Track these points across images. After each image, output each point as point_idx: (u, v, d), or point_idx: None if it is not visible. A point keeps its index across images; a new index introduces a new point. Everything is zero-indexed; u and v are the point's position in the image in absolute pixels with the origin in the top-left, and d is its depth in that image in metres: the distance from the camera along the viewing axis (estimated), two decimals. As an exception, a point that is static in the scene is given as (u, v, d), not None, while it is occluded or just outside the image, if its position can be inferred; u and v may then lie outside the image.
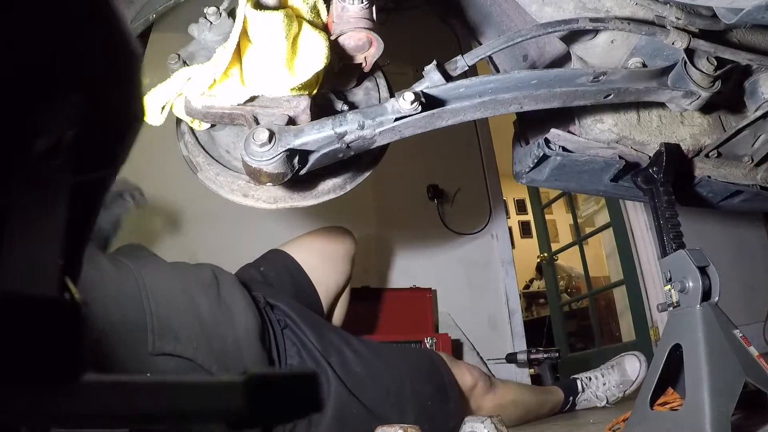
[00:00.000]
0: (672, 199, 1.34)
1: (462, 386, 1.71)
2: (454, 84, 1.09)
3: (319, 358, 1.49)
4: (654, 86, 1.28)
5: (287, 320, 1.55)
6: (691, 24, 1.21)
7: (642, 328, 3.32)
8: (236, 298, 1.48)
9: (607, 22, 1.17)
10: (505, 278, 3.41)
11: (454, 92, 1.09)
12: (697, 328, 1.16)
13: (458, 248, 3.37)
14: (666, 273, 1.26)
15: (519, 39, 1.16)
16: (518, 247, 6.22)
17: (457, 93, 1.09)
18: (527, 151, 1.48)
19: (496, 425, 1.37)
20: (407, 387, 1.55)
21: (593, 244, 4.48)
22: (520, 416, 1.91)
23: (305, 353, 1.50)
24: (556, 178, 1.48)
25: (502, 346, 3.19)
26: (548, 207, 4.88)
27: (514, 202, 7.41)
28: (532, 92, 1.17)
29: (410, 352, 1.73)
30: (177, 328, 1.28)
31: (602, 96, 1.23)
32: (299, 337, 1.52)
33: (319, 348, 1.51)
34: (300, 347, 1.50)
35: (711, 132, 1.44)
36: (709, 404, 1.05)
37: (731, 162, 1.49)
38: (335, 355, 1.52)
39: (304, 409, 0.33)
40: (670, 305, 1.24)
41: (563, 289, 5.34)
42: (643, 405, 1.23)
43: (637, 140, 1.39)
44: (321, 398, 0.33)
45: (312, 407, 0.32)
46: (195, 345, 1.28)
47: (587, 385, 2.13)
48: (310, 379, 0.33)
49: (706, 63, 1.25)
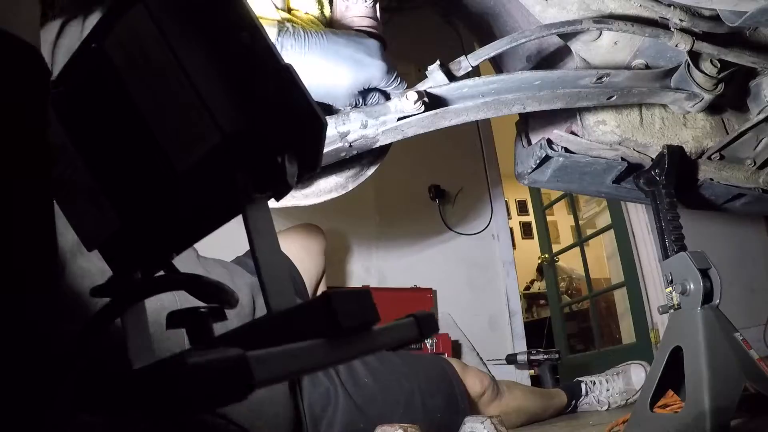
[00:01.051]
0: (674, 201, 1.34)
1: (470, 393, 1.70)
2: (458, 84, 1.09)
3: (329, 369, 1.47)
4: (657, 88, 1.28)
5: None
6: (695, 26, 1.21)
7: (642, 331, 3.31)
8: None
9: (610, 23, 1.17)
10: (506, 279, 3.41)
11: (458, 92, 1.09)
12: (698, 331, 1.15)
13: (459, 248, 3.36)
14: (667, 275, 1.26)
15: (523, 40, 1.16)
16: (519, 248, 6.21)
17: (461, 93, 1.09)
18: (529, 152, 1.48)
19: (495, 426, 1.37)
20: (417, 399, 1.53)
21: (594, 246, 4.47)
22: (523, 422, 1.91)
23: None
24: (558, 179, 1.48)
25: (502, 347, 3.18)
26: (550, 208, 4.87)
27: (515, 203, 7.40)
28: (535, 93, 1.17)
29: (422, 361, 1.71)
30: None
31: (605, 97, 1.23)
32: None
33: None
34: None
35: (713, 134, 1.44)
36: (710, 407, 1.05)
37: (733, 165, 1.49)
38: (343, 367, 1.50)
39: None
40: (671, 307, 1.24)
41: (564, 290, 5.33)
42: (643, 407, 1.23)
43: (639, 142, 1.39)
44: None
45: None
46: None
47: (591, 389, 2.13)
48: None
49: (710, 65, 1.25)
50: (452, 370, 1.70)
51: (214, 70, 0.42)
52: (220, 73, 0.42)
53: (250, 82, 0.42)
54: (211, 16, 0.42)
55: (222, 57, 0.42)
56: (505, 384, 1.91)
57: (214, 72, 0.42)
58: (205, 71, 0.41)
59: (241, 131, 0.41)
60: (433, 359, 1.80)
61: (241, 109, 0.42)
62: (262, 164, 0.42)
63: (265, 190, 0.43)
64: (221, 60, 0.42)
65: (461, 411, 1.60)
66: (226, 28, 0.42)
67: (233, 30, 0.41)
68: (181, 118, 0.42)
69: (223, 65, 0.42)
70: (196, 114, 0.41)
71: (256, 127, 0.42)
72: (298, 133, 0.42)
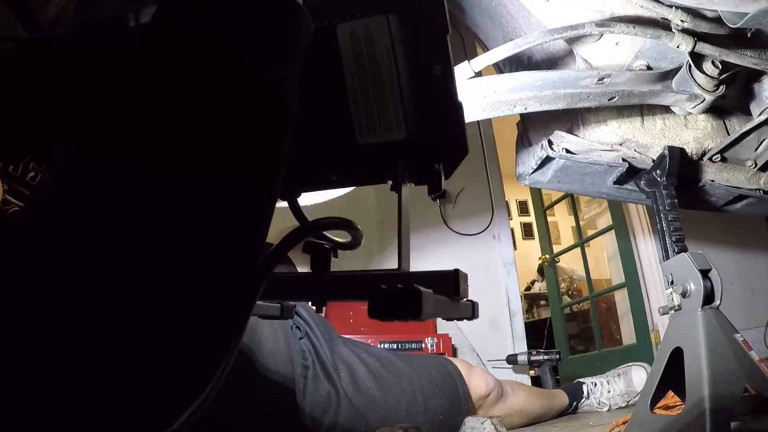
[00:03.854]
0: (675, 202, 1.34)
1: (476, 394, 1.69)
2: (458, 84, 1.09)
3: (330, 372, 1.47)
4: (658, 89, 1.28)
5: (307, 328, 1.54)
6: (696, 27, 1.21)
7: (643, 331, 3.31)
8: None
9: (612, 26, 1.17)
10: (507, 279, 3.41)
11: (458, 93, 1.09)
12: (699, 332, 1.15)
13: (460, 249, 3.36)
14: (668, 276, 1.26)
15: (525, 45, 1.16)
16: (520, 249, 6.21)
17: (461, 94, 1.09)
18: (530, 152, 1.48)
19: (495, 426, 1.37)
20: (419, 402, 1.53)
21: (595, 247, 4.47)
22: (525, 423, 1.91)
23: (318, 366, 1.48)
24: (559, 179, 1.48)
25: (503, 348, 3.18)
26: (550, 209, 4.88)
27: (516, 204, 7.40)
28: (537, 93, 1.17)
29: (425, 363, 1.69)
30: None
31: (606, 98, 1.23)
32: (315, 347, 1.51)
33: (331, 361, 1.50)
34: (314, 358, 1.49)
35: (715, 136, 1.44)
36: (710, 408, 1.04)
37: (735, 166, 1.48)
38: (345, 371, 1.50)
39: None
40: (672, 308, 1.24)
41: (564, 291, 5.33)
42: (643, 408, 1.23)
43: (640, 143, 1.39)
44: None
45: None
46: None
47: (592, 390, 2.12)
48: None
49: (711, 66, 1.25)
50: (457, 371, 1.69)
51: (412, 84, 0.55)
52: (416, 88, 0.55)
53: (431, 103, 0.55)
54: (422, 44, 0.54)
55: (419, 77, 0.54)
56: (509, 385, 1.90)
57: (412, 85, 0.55)
58: (407, 83, 0.55)
59: (417, 135, 0.55)
60: (438, 360, 1.79)
61: (422, 120, 0.55)
62: (421, 163, 0.56)
63: (420, 183, 0.57)
64: (418, 79, 0.55)
65: (464, 412, 1.59)
66: (429, 57, 0.54)
67: (432, 60, 0.54)
68: (378, 105, 0.55)
69: (419, 83, 0.55)
70: (393, 108, 0.55)
71: (426, 137, 0.55)
72: (450, 152, 0.56)
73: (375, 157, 0.58)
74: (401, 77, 0.54)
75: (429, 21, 0.54)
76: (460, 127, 0.55)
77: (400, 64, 0.54)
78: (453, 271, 0.52)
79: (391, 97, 0.55)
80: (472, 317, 0.58)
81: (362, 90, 0.56)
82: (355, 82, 0.56)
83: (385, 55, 0.54)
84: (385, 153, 0.57)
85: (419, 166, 0.56)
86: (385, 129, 0.56)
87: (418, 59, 0.54)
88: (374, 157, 0.58)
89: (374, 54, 0.54)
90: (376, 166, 0.58)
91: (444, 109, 0.54)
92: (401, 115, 0.55)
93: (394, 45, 0.54)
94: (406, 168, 0.56)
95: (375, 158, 0.58)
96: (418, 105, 0.55)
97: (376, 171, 0.59)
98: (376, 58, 0.54)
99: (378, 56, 0.54)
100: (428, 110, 0.55)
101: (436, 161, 0.56)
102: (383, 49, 0.54)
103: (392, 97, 0.55)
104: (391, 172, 0.57)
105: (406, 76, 0.54)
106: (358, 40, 0.55)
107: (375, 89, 0.55)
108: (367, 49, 0.55)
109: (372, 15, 0.54)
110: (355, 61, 0.55)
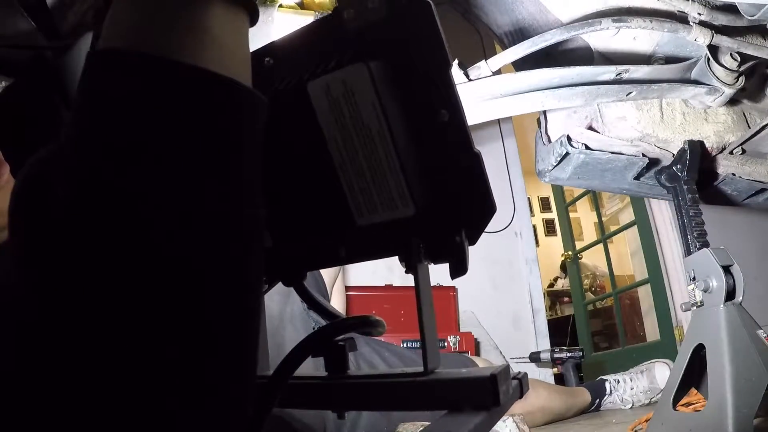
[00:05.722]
0: (696, 197, 1.33)
1: None
2: (476, 83, 1.09)
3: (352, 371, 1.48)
4: (677, 83, 1.27)
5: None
6: (714, 20, 1.20)
7: (667, 328, 3.28)
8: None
9: (629, 21, 1.16)
10: (529, 277, 3.40)
11: (475, 91, 1.09)
12: (721, 328, 1.14)
13: (481, 246, 3.31)
14: (690, 272, 1.25)
15: (543, 44, 1.16)
16: (542, 245, 6.18)
17: (478, 92, 1.10)
18: (550, 149, 1.47)
19: (517, 424, 1.37)
20: None
21: (618, 243, 4.44)
22: (547, 421, 1.90)
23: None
24: (579, 176, 1.47)
25: (526, 345, 3.17)
26: (572, 205, 4.84)
27: (538, 200, 7.36)
28: (554, 90, 1.16)
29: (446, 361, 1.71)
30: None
31: (624, 93, 1.22)
32: None
33: (353, 360, 1.51)
34: None
35: (735, 129, 1.43)
36: (732, 405, 1.04)
37: (756, 159, 1.47)
38: (367, 369, 1.51)
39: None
40: (694, 304, 1.23)
41: (587, 287, 5.29)
42: (665, 405, 1.22)
43: (660, 137, 1.37)
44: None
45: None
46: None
47: (615, 387, 2.11)
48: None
49: (730, 59, 1.24)
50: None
51: (414, 141, 0.44)
52: (419, 146, 0.44)
53: (442, 160, 0.44)
54: (419, 90, 0.43)
55: (422, 130, 0.44)
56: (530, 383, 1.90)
57: (414, 143, 0.44)
58: (406, 141, 0.44)
59: (430, 207, 0.45)
60: (458, 358, 1.79)
61: (433, 186, 0.45)
62: (438, 238, 0.45)
63: (439, 261, 0.46)
64: (421, 132, 0.44)
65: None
66: (430, 103, 0.43)
67: (436, 105, 0.43)
68: (375, 180, 0.45)
69: (422, 138, 0.44)
70: (394, 181, 0.45)
71: (440, 206, 0.45)
72: (473, 216, 0.45)
73: (384, 234, 0.48)
74: (397, 139, 0.44)
75: (423, 57, 0.43)
76: (483, 182, 0.44)
77: (394, 122, 0.43)
78: (489, 376, 0.41)
79: (389, 166, 0.44)
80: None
81: (351, 161, 0.46)
82: (341, 153, 0.46)
83: (372, 115, 0.43)
84: (394, 229, 0.47)
85: (436, 242, 0.46)
86: (386, 206, 0.46)
87: (418, 109, 0.44)
88: (383, 233, 0.48)
89: (359, 114, 0.44)
90: (387, 242, 0.48)
91: (458, 164, 0.44)
92: (404, 187, 0.44)
93: (381, 99, 0.43)
94: (422, 244, 0.46)
95: (384, 234, 0.48)
96: (426, 168, 0.45)
97: (387, 247, 0.48)
98: (362, 120, 0.44)
99: (364, 116, 0.44)
100: (439, 171, 0.44)
101: (457, 232, 0.45)
102: (368, 106, 0.43)
103: (390, 166, 0.44)
104: (404, 249, 0.46)
105: (404, 136, 0.44)
106: (335, 99, 0.45)
107: (367, 159, 0.45)
108: (348, 108, 0.44)
109: (348, 65, 0.44)
110: (336, 126, 0.45)
